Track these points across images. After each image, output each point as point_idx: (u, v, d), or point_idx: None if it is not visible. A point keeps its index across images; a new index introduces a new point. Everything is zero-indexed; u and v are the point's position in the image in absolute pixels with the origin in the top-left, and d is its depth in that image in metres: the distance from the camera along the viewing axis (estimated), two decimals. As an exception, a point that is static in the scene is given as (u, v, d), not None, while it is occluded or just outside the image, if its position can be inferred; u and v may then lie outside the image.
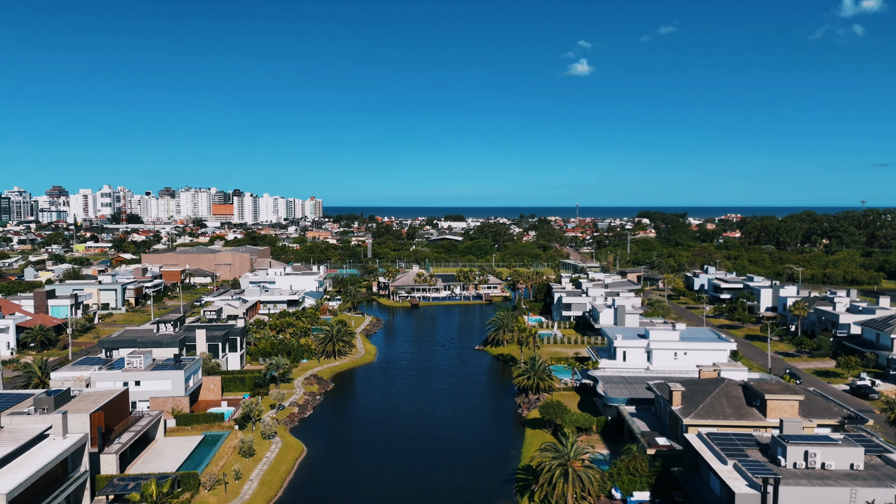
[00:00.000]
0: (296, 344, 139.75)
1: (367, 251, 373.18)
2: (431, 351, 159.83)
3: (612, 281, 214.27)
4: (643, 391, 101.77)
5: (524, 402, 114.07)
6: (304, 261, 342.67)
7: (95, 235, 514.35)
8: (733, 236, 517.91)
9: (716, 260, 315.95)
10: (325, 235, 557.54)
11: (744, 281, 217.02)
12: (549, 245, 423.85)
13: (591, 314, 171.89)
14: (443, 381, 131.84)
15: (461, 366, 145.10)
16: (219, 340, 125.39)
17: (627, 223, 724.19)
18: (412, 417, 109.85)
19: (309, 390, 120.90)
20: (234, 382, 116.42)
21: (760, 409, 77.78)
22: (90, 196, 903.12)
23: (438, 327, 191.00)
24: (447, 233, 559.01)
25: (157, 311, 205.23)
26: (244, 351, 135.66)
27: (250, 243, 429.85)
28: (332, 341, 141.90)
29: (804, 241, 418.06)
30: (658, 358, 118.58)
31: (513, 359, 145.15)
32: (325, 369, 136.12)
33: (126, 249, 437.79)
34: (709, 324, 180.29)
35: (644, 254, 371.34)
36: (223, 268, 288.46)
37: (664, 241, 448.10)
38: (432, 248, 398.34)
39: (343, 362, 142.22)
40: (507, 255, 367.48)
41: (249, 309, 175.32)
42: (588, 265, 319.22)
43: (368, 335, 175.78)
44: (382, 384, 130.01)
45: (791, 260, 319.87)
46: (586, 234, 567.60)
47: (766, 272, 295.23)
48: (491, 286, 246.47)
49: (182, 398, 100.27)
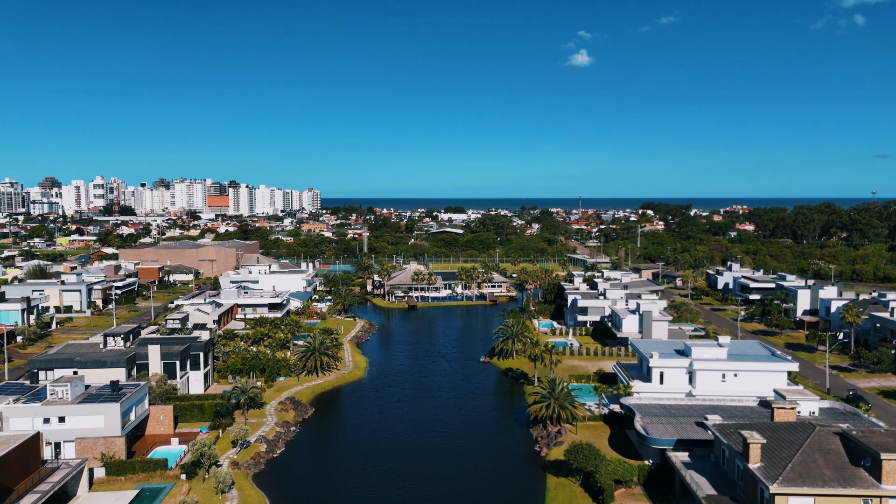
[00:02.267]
0: (271, 359, 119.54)
1: (363, 245, 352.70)
2: (430, 363, 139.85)
3: (631, 280, 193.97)
4: (692, 427, 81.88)
5: (542, 435, 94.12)
6: (296, 255, 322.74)
7: (81, 228, 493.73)
8: (743, 228, 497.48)
9: (735, 255, 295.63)
10: (320, 228, 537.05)
11: (775, 280, 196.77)
12: (555, 238, 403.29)
13: (612, 320, 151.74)
14: (443, 404, 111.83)
15: (465, 383, 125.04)
16: (176, 357, 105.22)
17: (631, 215, 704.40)
18: (406, 455, 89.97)
19: (283, 419, 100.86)
20: (190, 411, 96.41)
21: (872, 472, 57.73)
22: (82, 187, 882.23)
23: (438, 333, 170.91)
24: (447, 225, 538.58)
25: (127, 315, 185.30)
26: (210, 368, 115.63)
27: (242, 236, 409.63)
28: (315, 355, 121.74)
29: (822, 234, 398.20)
30: (703, 381, 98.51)
31: (524, 375, 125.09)
32: (305, 389, 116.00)
33: (111, 243, 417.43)
34: (743, 331, 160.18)
35: (655, 248, 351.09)
36: (207, 264, 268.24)
37: (674, 234, 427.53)
38: (432, 241, 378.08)
39: (327, 380, 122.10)
40: (510, 249, 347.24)
41: (225, 314, 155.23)
42: (598, 260, 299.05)
43: (359, 343, 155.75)
44: (372, 408, 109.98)
45: (814, 255, 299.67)
46: (591, 227, 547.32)
47: (787, 268, 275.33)
48: (495, 285, 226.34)
49: (116, 439, 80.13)
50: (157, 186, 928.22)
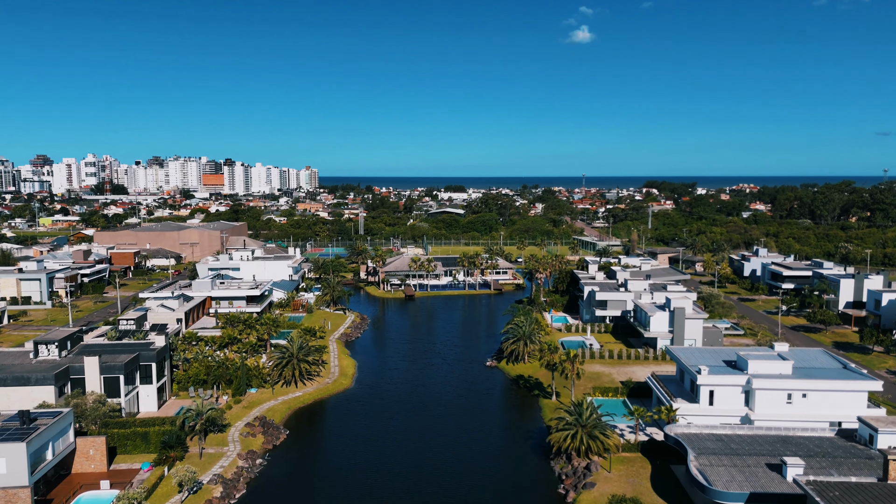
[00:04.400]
0: (241, 367, 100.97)
1: (359, 227, 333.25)
2: (429, 366, 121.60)
3: (652, 268, 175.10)
4: (763, 472, 63.89)
5: (567, 472, 75.94)
6: (287, 238, 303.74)
7: (66, 208, 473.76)
8: (754, 207, 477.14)
9: (755, 238, 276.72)
10: (316, 208, 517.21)
11: (811, 267, 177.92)
12: (560, 219, 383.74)
13: (636, 317, 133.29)
14: (444, 423, 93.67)
15: (469, 394, 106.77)
16: (119, 371, 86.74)
17: (636, 193, 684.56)
18: (397, 495, 71.90)
19: (248, 447, 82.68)
20: (132, 441, 78.15)
21: None
22: (74, 165, 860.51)
23: (438, 328, 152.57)
24: (447, 205, 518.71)
25: (93, 308, 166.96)
26: (167, 379, 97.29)
27: (232, 217, 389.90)
28: (292, 364, 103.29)
29: (841, 214, 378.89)
30: (763, 402, 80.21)
31: (539, 385, 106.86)
32: (280, 405, 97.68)
33: (95, 224, 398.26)
34: (783, 327, 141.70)
35: (666, 230, 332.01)
36: (190, 248, 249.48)
37: (685, 214, 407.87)
38: (431, 222, 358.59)
39: (307, 391, 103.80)
40: (514, 230, 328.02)
41: (195, 309, 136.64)
42: (609, 243, 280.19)
43: (348, 342, 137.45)
44: (358, 429, 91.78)
45: (838, 237, 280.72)
46: (597, 206, 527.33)
47: (812, 252, 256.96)
48: (500, 271, 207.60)
49: (20, 490, 61.94)
50: (151, 164, 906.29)
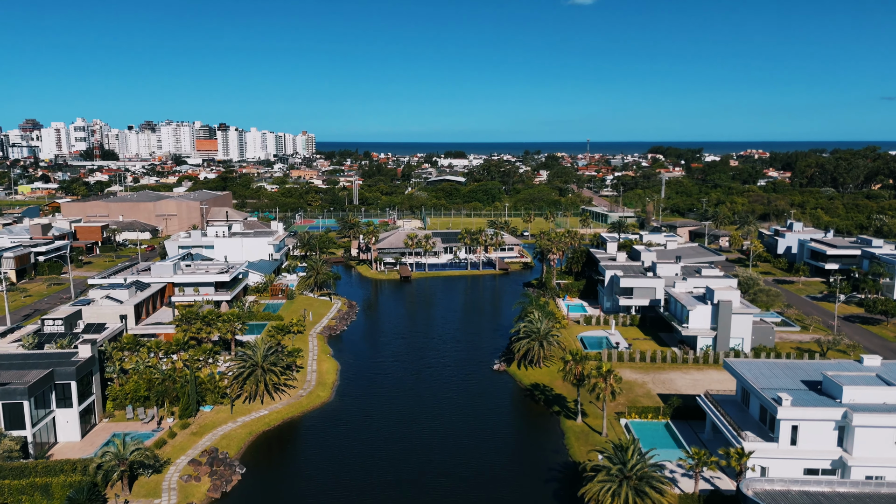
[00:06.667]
0: (190, 381, 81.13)
1: (353, 196, 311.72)
2: (426, 369, 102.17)
3: (679, 246, 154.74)
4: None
5: (607, 541, 56.87)
6: (276, 209, 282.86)
7: (47, 175, 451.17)
8: (768, 174, 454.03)
9: (781, 209, 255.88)
10: (311, 175, 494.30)
11: (858, 245, 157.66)
12: (567, 188, 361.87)
13: (670, 309, 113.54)
14: (444, 456, 74.40)
15: (475, 411, 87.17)
16: (22, 396, 67.11)
17: (641, 160, 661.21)
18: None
19: (188, 497, 63.46)
20: (28, 496, 58.93)
21: None
22: (63, 130, 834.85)
23: (437, 318, 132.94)
24: (447, 172, 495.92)
25: (46, 292, 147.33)
26: (95, 399, 77.80)
27: (218, 185, 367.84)
28: (256, 375, 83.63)
29: (864, 183, 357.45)
30: (865, 442, 60.70)
31: (559, 400, 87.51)
32: (239, 429, 78.28)
33: (76, 192, 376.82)
34: (840, 319, 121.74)
35: (680, 199, 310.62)
36: (167, 220, 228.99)
37: (699, 182, 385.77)
38: (430, 192, 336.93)
39: (275, 408, 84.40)
40: (518, 200, 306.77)
41: (152, 299, 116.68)
42: (621, 215, 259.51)
43: (332, 336, 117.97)
44: (335, 465, 72.46)
45: (868, 207, 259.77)
46: (603, 174, 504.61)
47: (841, 223, 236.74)
48: (507, 247, 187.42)
49: None
50: (143, 129, 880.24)
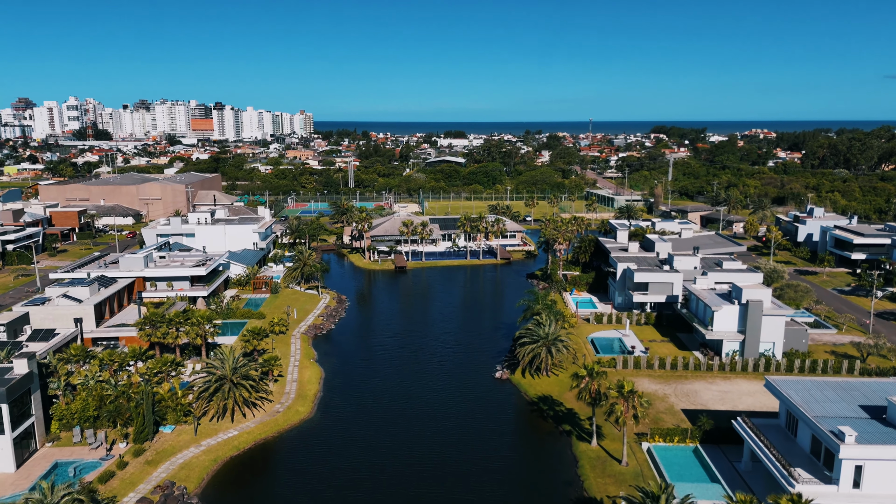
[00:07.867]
0: (145, 399, 70.31)
1: (349, 178, 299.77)
2: (421, 376, 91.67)
3: (695, 235, 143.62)
4: None
5: None
6: (268, 190, 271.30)
7: (34, 155, 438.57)
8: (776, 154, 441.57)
9: (796, 192, 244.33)
10: (307, 155, 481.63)
11: (888, 233, 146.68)
12: (570, 169, 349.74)
13: (691, 307, 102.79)
14: (439, 490, 64.00)
15: (474, 431, 76.71)
16: (-62, 427, 56.51)
17: (644, 139, 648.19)
18: None
19: (131, 550, 53.12)
20: (-71, 557, 48.51)
21: None
22: (55, 109, 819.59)
23: (434, 314, 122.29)
24: (447, 152, 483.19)
25: (12, 285, 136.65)
26: (36, 421, 67.25)
27: (210, 167, 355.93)
28: (224, 391, 72.97)
29: (878, 164, 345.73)
30: (947, 490, 50.24)
31: (570, 417, 77.05)
32: (203, 455, 67.81)
33: (63, 173, 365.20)
34: (878, 319, 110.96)
35: (688, 181, 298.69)
36: (151, 204, 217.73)
37: (707, 163, 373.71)
38: (429, 173, 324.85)
39: (246, 428, 73.85)
40: (520, 183, 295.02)
41: (118, 295, 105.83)
42: (627, 198, 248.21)
43: (317, 335, 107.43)
44: (311, 498, 62.07)
45: (886, 190, 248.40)
46: (606, 154, 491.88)
47: (859, 207, 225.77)
48: (509, 234, 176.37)
49: None
50: (138, 108, 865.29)
